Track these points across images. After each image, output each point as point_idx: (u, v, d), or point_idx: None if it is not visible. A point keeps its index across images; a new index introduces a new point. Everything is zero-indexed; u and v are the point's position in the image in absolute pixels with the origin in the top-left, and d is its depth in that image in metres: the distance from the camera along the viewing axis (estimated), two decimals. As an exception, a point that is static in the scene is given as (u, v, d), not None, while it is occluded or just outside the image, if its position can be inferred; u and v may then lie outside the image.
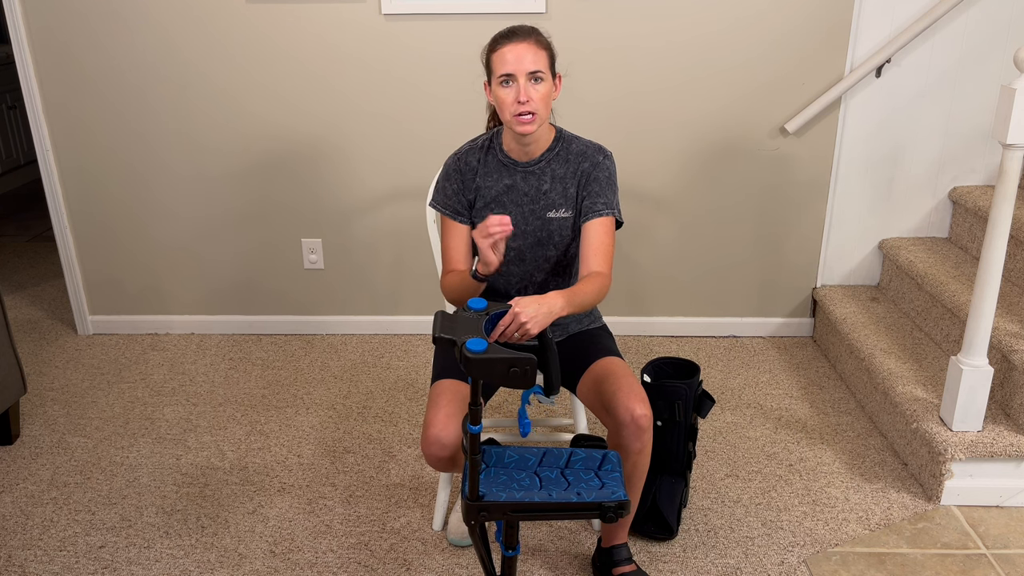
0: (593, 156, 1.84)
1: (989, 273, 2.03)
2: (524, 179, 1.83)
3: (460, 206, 1.86)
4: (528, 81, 1.69)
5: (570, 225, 1.85)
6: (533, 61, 1.69)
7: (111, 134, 3.01)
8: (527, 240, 1.86)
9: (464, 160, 1.86)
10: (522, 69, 1.68)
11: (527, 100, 1.69)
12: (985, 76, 2.84)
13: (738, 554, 2.03)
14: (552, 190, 1.83)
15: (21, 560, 2.03)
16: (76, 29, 2.87)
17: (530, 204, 1.84)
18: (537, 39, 1.72)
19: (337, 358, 3.05)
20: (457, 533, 1.96)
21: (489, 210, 1.85)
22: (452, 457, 1.73)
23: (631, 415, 1.70)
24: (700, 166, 2.98)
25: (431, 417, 1.73)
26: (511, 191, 1.84)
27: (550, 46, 1.75)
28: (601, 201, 1.81)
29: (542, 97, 1.71)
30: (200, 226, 3.13)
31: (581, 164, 1.83)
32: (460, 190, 1.86)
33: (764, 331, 3.20)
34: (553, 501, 1.47)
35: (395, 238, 3.12)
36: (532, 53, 1.69)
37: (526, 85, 1.69)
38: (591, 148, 1.85)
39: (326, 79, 2.91)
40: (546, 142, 1.83)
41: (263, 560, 2.03)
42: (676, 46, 2.83)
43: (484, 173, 1.85)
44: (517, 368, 1.37)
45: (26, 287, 3.78)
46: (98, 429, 2.60)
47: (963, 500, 2.20)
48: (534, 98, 1.70)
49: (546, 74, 1.71)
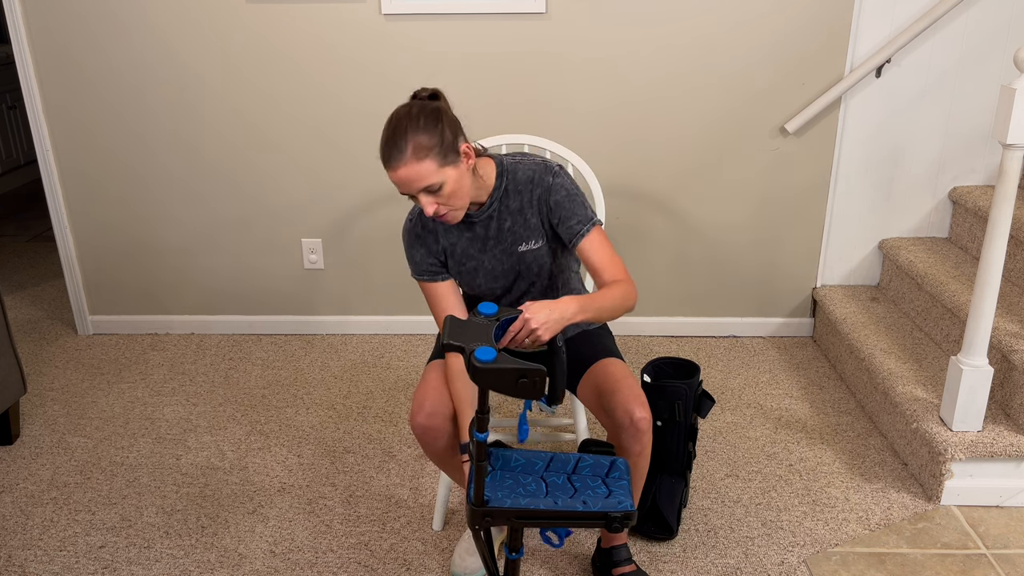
0: (542, 180, 1.74)
1: (989, 273, 2.03)
2: (483, 226, 1.78)
3: (436, 267, 1.82)
4: (426, 195, 1.61)
5: (545, 252, 1.80)
6: (416, 178, 1.58)
7: (111, 134, 3.01)
8: (508, 278, 1.82)
9: (419, 223, 1.81)
10: (413, 190, 1.60)
11: (434, 210, 1.62)
12: (985, 76, 2.84)
13: (738, 554, 2.03)
14: (515, 224, 1.77)
15: (21, 560, 2.04)
16: (76, 29, 2.87)
17: (499, 246, 1.79)
18: (414, 151, 1.56)
19: (337, 358, 3.05)
20: (461, 568, 1.95)
21: (461, 265, 1.81)
22: (440, 431, 1.72)
23: (630, 418, 1.70)
24: (700, 166, 2.98)
25: (420, 389, 1.75)
26: (475, 241, 1.79)
27: (434, 143, 1.57)
28: (575, 220, 1.72)
29: (449, 196, 1.62)
30: (200, 226, 3.13)
31: (534, 192, 1.75)
32: (428, 253, 1.81)
33: (764, 331, 3.20)
34: (558, 509, 1.46)
35: (395, 238, 3.12)
36: (413, 172, 1.57)
37: (426, 199, 1.61)
38: (538, 170, 1.75)
39: (326, 79, 2.91)
40: (489, 186, 1.75)
41: (263, 560, 2.03)
42: (677, 46, 2.83)
43: (444, 232, 1.80)
44: (526, 379, 1.33)
45: (26, 287, 3.78)
46: (98, 429, 2.60)
47: (963, 500, 2.20)
48: (439, 202, 1.62)
49: (441, 175, 1.59)
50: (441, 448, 1.78)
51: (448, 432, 1.75)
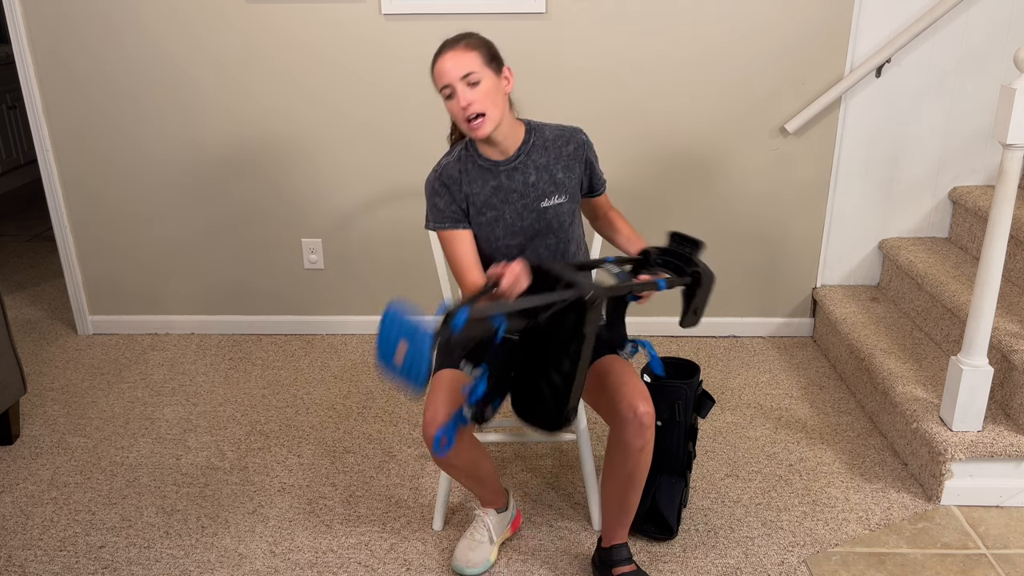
0: (575, 136, 1.87)
1: (989, 273, 2.03)
2: (509, 177, 1.83)
3: (457, 215, 1.85)
4: (465, 86, 1.70)
5: (566, 210, 1.87)
6: (464, 65, 1.70)
7: (112, 134, 3.01)
8: (526, 235, 1.86)
9: (445, 173, 1.85)
10: (455, 76, 1.70)
11: (468, 104, 1.70)
12: (985, 76, 2.84)
13: (738, 554, 2.03)
14: (539, 180, 1.84)
15: (21, 560, 2.04)
16: (76, 29, 2.87)
17: (521, 200, 1.84)
18: (466, 43, 1.72)
19: (337, 358, 3.05)
20: (463, 561, 1.96)
21: (482, 215, 1.84)
22: (452, 443, 1.73)
23: (634, 412, 1.71)
24: (700, 166, 2.98)
25: (429, 402, 1.76)
26: (499, 191, 1.84)
27: (484, 44, 1.75)
28: (601, 178, 1.94)
29: (484, 95, 1.71)
30: (200, 226, 3.13)
31: (564, 148, 1.86)
32: (451, 200, 1.84)
33: (764, 331, 3.20)
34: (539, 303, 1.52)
35: (395, 238, 3.12)
36: (460, 58, 1.70)
37: (464, 91, 1.70)
38: (566, 130, 1.88)
39: (326, 79, 2.91)
40: (518, 136, 1.84)
41: (263, 560, 2.03)
42: (676, 46, 2.83)
43: (468, 180, 1.84)
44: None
45: (26, 287, 3.78)
46: (98, 429, 2.60)
47: (963, 500, 2.20)
48: (475, 99, 1.70)
49: (482, 72, 1.71)
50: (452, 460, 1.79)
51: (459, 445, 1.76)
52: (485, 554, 1.96)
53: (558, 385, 1.56)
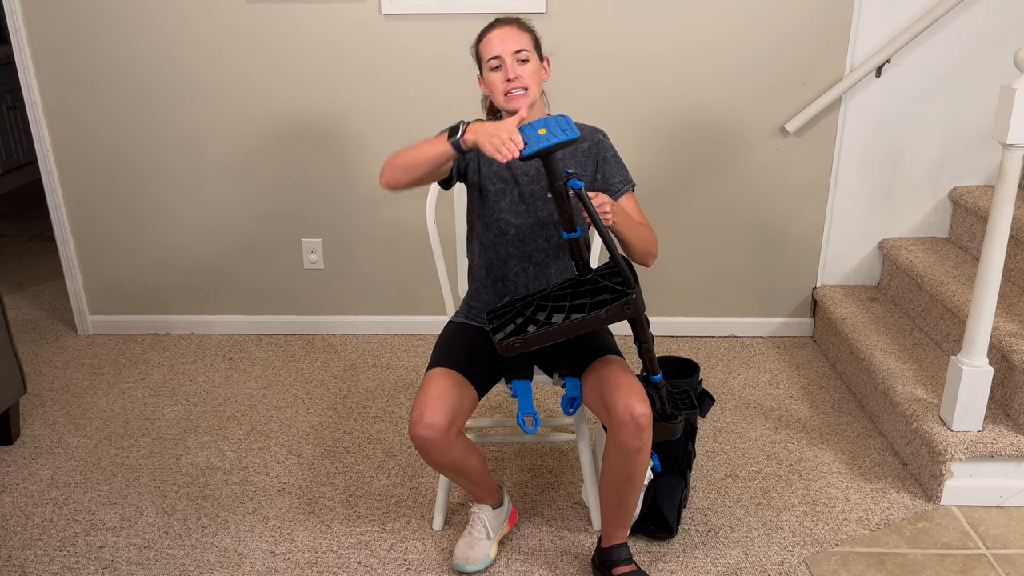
0: (592, 136, 1.90)
1: (989, 273, 2.03)
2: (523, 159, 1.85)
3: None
4: (515, 61, 1.78)
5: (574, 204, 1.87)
6: (517, 41, 1.78)
7: (111, 134, 3.01)
8: (528, 220, 1.88)
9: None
10: (507, 49, 1.77)
11: (515, 77, 1.77)
12: (985, 76, 2.84)
13: (738, 554, 2.03)
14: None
15: (21, 560, 2.04)
16: (76, 29, 2.87)
17: (530, 184, 1.87)
18: (520, 24, 1.82)
19: (337, 358, 3.05)
20: (463, 559, 1.96)
21: (493, 185, 1.87)
22: (439, 442, 1.74)
23: (631, 413, 1.70)
24: (700, 166, 2.98)
25: (420, 398, 1.76)
26: (511, 168, 1.88)
27: (533, 31, 1.85)
28: (618, 179, 1.90)
29: (530, 74, 1.79)
30: (200, 226, 3.13)
31: (580, 145, 1.88)
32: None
33: (764, 331, 3.20)
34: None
35: (395, 238, 3.12)
36: (514, 35, 1.79)
37: (513, 64, 1.78)
38: (586, 129, 1.91)
39: (326, 79, 2.91)
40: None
41: (263, 560, 2.03)
42: (676, 46, 2.83)
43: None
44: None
45: (26, 287, 3.78)
46: (98, 429, 2.60)
47: (963, 500, 2.20)
48: (522, 74, 1.78)
49: (532, 54, 1.80)
50: (439, 458, 1.79)
51: (447, 443, 1.76)
52: (484, 550, 1.97)
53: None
